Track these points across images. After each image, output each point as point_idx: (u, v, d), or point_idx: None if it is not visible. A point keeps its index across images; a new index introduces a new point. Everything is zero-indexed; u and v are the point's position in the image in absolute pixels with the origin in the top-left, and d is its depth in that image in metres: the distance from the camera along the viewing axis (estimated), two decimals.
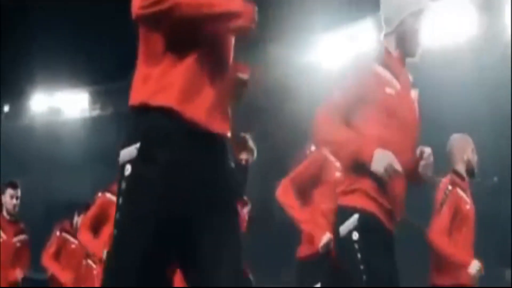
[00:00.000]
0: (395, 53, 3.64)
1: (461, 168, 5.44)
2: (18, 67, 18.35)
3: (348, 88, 3.52)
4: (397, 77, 3.57)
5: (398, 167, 3.35)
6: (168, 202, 2.42)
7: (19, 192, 7.39)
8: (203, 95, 2.47)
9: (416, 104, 3.68)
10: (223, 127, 2.55)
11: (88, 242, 6.11)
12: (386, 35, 3.70)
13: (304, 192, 5.06)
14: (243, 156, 5.87)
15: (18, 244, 7.44)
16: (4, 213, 7.39)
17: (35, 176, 19.79)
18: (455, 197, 5.30)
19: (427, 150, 3.55)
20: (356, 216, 3.46)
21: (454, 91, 13.13)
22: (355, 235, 3.44)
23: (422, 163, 3.54)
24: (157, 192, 2.41)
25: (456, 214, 5.27)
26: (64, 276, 7.53)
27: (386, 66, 3.56)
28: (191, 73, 2.46)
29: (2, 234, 7.37)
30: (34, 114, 21.35)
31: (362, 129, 3.49)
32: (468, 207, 5.38)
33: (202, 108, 2.46)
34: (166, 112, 2.43)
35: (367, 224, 3.45)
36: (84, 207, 7.58)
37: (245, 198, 6.19)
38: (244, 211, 6.16)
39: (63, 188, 16.50)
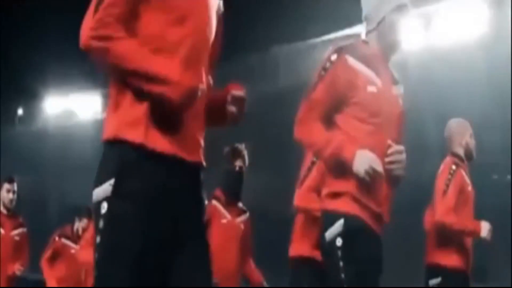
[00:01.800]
0: (377, 50, 3.58)
1: (459, 151, 5.47)
2: (32, 70, 18.48)
3: (329, 87, 3.44)
4: (378, 74, 3.51)
5: (380, 168, 3.31)
6: (147, 237, 2.40)
7: (15, 187, 7.44)
8: (172, 126, 2.45)
9: (399, 100, 3.62)
10: (195, 156, 2.53)
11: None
12: (367, 33, 3.64)
13: None
14: (238, 163, 6.08)
15: (16, 238, 7.49)
16: (1, 208, 7.44)
17: (49, 179, 19.94)
18: (459, 177, 5.32)
19: (395, 148, 3.47)
20: (341, 222, 3.40)
21: (464, 89, 13.11)
22: (339, 242, 3.39)
23: (386, 159, 3.44)
24: (136, 227, 2.39)
25: (460, 194, 5.30)
26: (51, 285, 7.59)
27: (367, 63, 3.49)
28: (158, 103, 2.43)
29: (0, 229, 7.40)
30: (47, 117, 21.48)
31: (343, 129, 3.44)
32: (469, 188, 5.42)
33: (172, 140, 2.44)
34: (136, 146, 2.41)
35: (352, 229, 3.39)
36: (84, 212, 7.67)
37: (242, 206, 6.32)
38: (239, 220, 6.26)
39: (76, 190, 16.58)
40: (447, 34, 14.34)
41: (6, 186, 7.40)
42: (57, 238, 7.87)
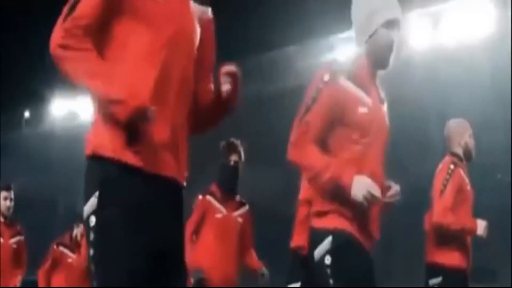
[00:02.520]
0: (366, 65, 3.51)
1: (459, 151, 5.49)
2: (38, 73, 18.54)
3: (323, 109, 3.39)
4: (368, 93, 3.46)
5: (377, 194, 3.31)
6: (137, 242, 2.46)
7: (12, 194, 7.40)
8: (145, 140, 2.48)
9: (386, 119, 3.58)
10: (172, 172, 2.55)
11: None
12: (357, 45, 3.54)
13: None
14: (233, 158, 6.17)
15: (14, 246, 7.48)
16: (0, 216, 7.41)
17: (57, 181, 19.99)
18: (458, 176, 5.33)
19: (394, 189, 3.48)
20: (329, 239, 3.38)
21: (469, 89, 13.09)
22: (328, 259, 3.37)
23: (385, 199, 3.45)
24: (124, 233, 2.45)
25: (459, 192, 5.32)
26: None
27: (358, 82, 3.44)
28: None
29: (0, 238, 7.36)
30: (54, 119, 21.53)
31: (336, 151, 3.41)
32: (468, 187, 5.44)
33: (144, 154, 2.48)
34: (112, 160, 2.46)
35: (341, 245, 3.38)
36: (82, 217, 7.65)
37: (240, 199, 6.37)
38: (236, 214, 6.31)
39: (82, 190, 16.66)
40: (453, 34, 14.31)
41: (3, 193, 7.36)
42: (55, 247, 7.88)
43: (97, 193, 2.47)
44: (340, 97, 3.40)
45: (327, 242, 3.39)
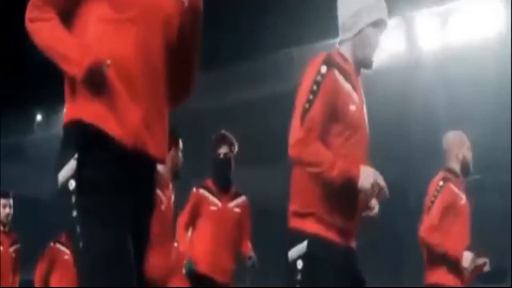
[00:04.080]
0: (352, 62, 3.49)
1: (455, 165, 5.43)
2: (50, 76, 18.63)
3: (325, 105, 3.35)
4: (355, 89, 3.45)
5: (382, 183, 3.32)
6: (118, 195, 2.52)
7: (11, 201, 7.40)
8: (130, 114, 2.53)
9: (366, 120, 3.56)
10: (149, 148, 2.58)
11: None
12: (341, 42, 3.53)
13: None
14: (222, 150, 6.14)
15: (13, 255, 7.53)
16: None
17: None
18: (448, 192, 5.28)
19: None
20: (304, 244, 3.38)
21: (479, 89, 13.02)
22: (300, 264, 3.37)
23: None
24: (107, 188, 2.49)
25: (449, 208, 5.26)
26: None
27: (347, 77, 3.41)
28: (118, 93, 2.52)
29: (0, 246, 7.41)
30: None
31: (333, 147, 3.38)
32: (462, 202, 5.37)
33: (126, 128, 2.53)
34: (87, 124, 2.52)
35: (315, 252, 3.37)
36: None
37: (236, 190, 6.35)
38: (232, 205, 6.29)
39: None
40: (462, 34, 14.25)
41: (2, 201, 7.37)
42: (52, 244, 7.91)
43: (76, 155, 2.50)
44: (337, 91, 3.37)
45: (302, 246, 3.39)
